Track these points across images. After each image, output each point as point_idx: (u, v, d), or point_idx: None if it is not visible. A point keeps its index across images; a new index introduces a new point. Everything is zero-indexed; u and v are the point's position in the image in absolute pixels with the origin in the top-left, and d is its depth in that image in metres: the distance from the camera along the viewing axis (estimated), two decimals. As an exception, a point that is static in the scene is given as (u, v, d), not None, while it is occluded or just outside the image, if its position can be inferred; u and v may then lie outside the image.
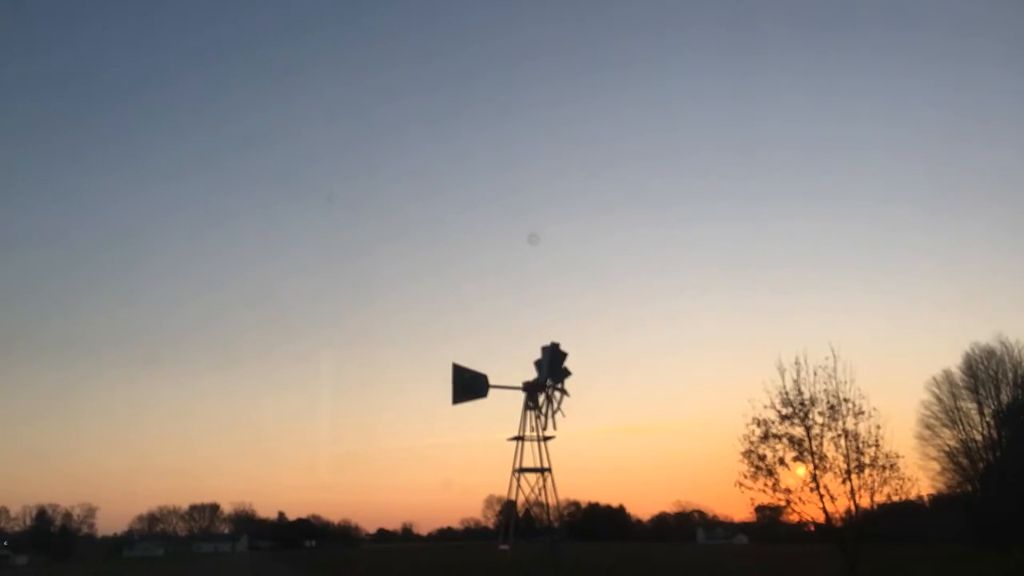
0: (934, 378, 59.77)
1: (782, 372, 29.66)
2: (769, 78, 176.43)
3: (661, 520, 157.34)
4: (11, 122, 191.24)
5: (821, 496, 29.16)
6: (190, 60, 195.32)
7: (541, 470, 35.02)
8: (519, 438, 35.27)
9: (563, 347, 37.06)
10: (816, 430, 29.14)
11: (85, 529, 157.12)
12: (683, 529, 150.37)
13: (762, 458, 29.43)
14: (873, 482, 28.66)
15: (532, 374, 37.58)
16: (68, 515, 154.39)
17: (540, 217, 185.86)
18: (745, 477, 29.61)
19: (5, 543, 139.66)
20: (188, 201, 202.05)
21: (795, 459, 29.28)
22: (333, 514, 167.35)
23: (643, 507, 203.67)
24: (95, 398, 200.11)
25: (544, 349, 37.27)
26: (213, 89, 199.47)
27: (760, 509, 33.53)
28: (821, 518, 30.04)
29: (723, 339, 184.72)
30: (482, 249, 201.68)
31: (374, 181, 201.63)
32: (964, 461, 58.10)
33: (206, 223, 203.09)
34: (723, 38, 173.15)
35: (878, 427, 28.53)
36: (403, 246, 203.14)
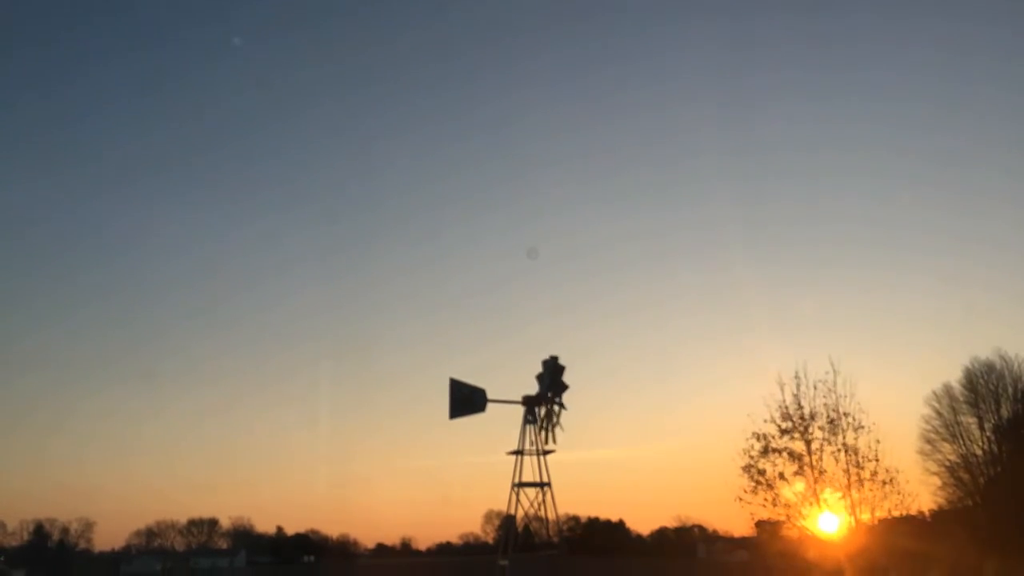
0: (934, 392, 59.72)
1: (782, 386, 29.81)
2: (770, 85, 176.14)
3: (661, 535, 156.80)
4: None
5: (822, 511, 29.20)
6: (187, 68, 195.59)
7: (541, 484, 34.85)
8: (518, 452, 35.13)
9: (562, 361, 37.24)
10: (816, 444, 29.27)
11: (83, 544, 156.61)
12: (683, 544, 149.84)
13: (762, 472, 29.51)
14: (873, 497, 28.71)
15: (531, 389, 37.57)
16: (66, 530, 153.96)
17: (541, 230, 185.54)
18: (745, 492, 29.67)
19: (2, 557, 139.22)
20: (186, 220, 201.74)
21: (795, 474, 29.32)
22: (331, 529, 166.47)
23: (643, 522, 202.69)
24: (93, 412, 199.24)
25: (544, 363, 37.29)
26: (213, 103, 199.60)
27: (760, 524, 33.49)
28: (822, 533, 30.06)
29: (725, 354, 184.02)
30: (481, 263, 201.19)
31: (371, 196, 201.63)
32: (965, 476, 57.98)
33: (202, 240, 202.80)
34: (722, 44, 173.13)
35: (878, 441, 28.66)
36: (401, 261, 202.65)
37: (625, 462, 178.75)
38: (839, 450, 28.95)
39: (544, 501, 34.47)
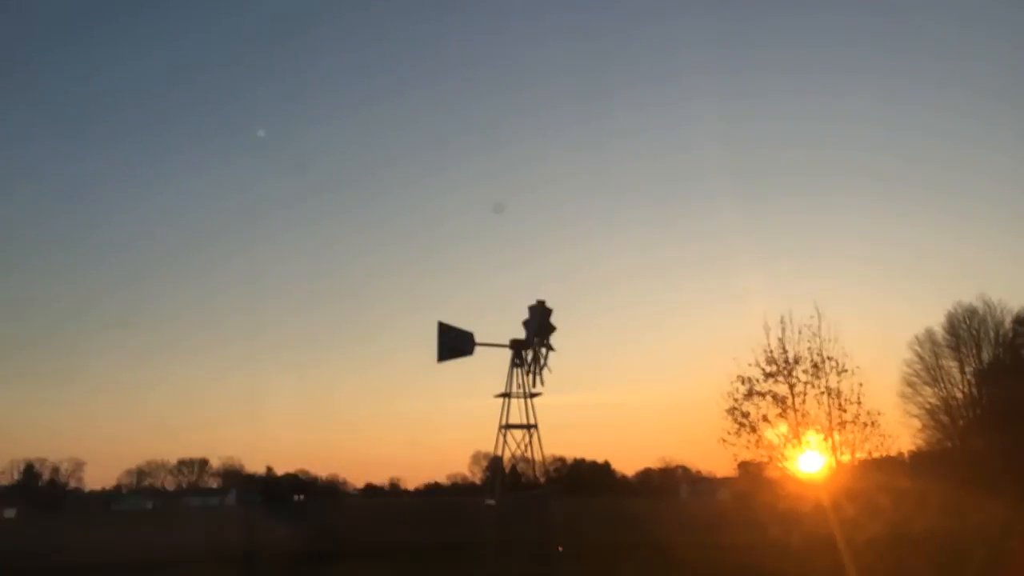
0: (916, 337, 60.43)
1: (767, 331, 30.04)
2: (765, 71, 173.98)
3: (646, 476, 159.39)
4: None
5: (804, 452, 29.67)
6: (182, 57, 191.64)
7: (527, 426, 35.21)
8: (506, 395, 35.40)
9: (549, 305, 37.24)
10: (799, 387, 29.56)
11: (73, 483, 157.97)
12: (667, 485, 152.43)
13: (746, 415, 29.86)
14: (855, 438, 29.15)
15: (519, 333, 37.63)
16: (56, 469, 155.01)
17: (528, 177, 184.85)
18: (729, 434, 30.05)
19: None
20: (171, 152, 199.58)
21: (778, 416, 29.70)
22: (321, 469, 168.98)
23: (628, 463, 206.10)
24: (82, 354, 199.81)
25: (531, 308, 37.34)
26: (201, 85, 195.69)
27: (743, 465, 34.00)
28: (803, 474, 30.58)
29: (710, 298, 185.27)
30: (467, 210, 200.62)
31: (350, 147, 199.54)
32: (945, 419, 58.96)
33: (183, 189, 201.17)
34: (720, 35, 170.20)
35: (860, 385, 28.98)
36: (387, 207, 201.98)
37: (611, 405, 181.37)
38: (822, 393, 29.31)
39: (531, 442, 34.81)
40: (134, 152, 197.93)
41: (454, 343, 34.57)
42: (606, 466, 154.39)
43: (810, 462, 30.18)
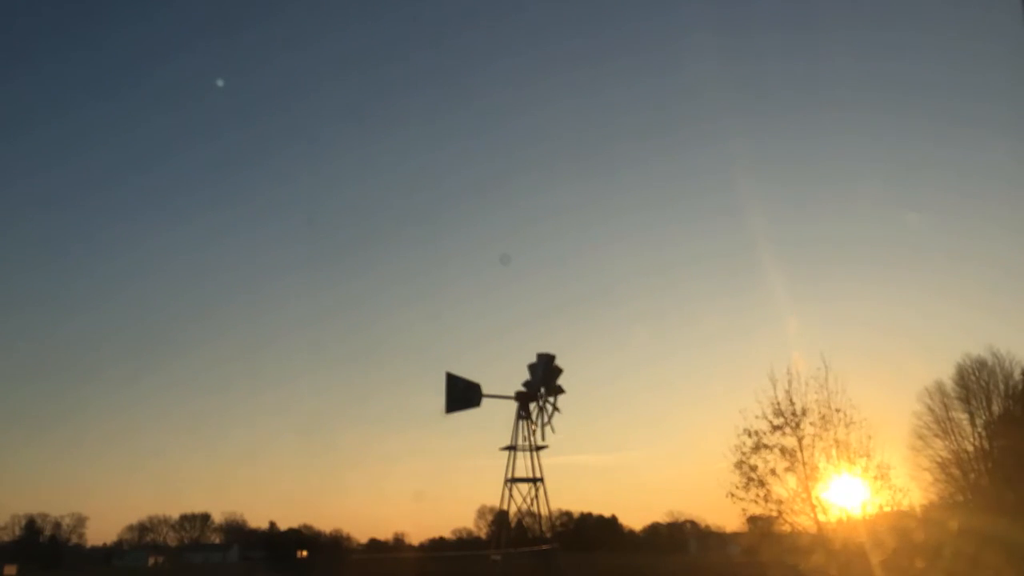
0: (926, 388, 60.01)
1: (774, 383, 29.92)
2: (767, 83, 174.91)
3: (653, 530, 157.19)
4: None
5: (813, 506, 29.32)
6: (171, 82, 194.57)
7: (533, 480, 34.95)
8: (511, 448, 35.24)
9: (558, 361, 37.02)
10: (808, 440, 29.33)
11: (75, 539, 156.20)
12: (675, 539, 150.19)
13: (754, 468, 29.61)
14: (865, 492, 28.84)
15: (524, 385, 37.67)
16: (58, 525, 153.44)
17: (537, 233, 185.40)
18: (737, 488, 29.76)
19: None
20: (179, 226, 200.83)
21: (786, 470, 29.43)
22: (324, 524, 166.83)
23: (635, 517, 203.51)
24: (85, 408, 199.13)
25: (539, 356, 37.28)
26: (200, 111, 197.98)
27: (752, 520, 33.60)
28: (813, 528, 30.16)
29: (717, 350, 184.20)
30: (477, 261, 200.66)
31: (364, 199, 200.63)
32: (956, 471, 58.23)
33: (197, 246, 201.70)
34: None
35: (869, 437, 28.75)
36: (396, 263, 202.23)
37: (618, 465, 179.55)
38: (830, 445, 29.09)
39: (537, 496, 34.57)
40: (142, 220, 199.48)
41: (462, 394, 34.61)
42: (613, 520, 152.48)
43: (820, 516, 29.81)
